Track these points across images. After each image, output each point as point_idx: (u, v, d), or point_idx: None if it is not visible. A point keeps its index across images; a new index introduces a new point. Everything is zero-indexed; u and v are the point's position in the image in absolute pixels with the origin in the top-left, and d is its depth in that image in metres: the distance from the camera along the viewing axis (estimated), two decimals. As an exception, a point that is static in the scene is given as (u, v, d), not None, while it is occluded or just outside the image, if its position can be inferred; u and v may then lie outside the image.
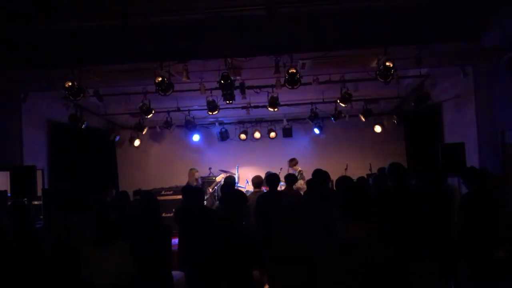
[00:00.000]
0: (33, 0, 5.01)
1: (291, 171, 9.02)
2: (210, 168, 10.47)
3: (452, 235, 4.84)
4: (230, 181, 6.49)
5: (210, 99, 7.79)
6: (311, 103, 9.48)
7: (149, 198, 4.83)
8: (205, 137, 11.61)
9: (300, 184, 8.50)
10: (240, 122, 11.42)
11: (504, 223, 5.80)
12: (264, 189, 6.71)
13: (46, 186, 8.05)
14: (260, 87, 8.05)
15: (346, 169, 9.50)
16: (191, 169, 8.75)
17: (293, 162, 9.36)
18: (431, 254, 4.55)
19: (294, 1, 5.18)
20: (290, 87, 6.15)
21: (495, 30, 5.75)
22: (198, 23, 5.57)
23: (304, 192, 7.18)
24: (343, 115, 9.76)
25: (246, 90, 7.68)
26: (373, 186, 5.69)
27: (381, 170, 6.05)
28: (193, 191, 5.33)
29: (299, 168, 9.17)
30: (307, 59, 6.28)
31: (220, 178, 9.77)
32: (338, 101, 8.22)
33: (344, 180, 5.42)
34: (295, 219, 3.34)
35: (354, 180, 6.06)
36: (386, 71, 5.80)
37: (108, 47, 6.00)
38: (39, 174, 7.24)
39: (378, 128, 10.58)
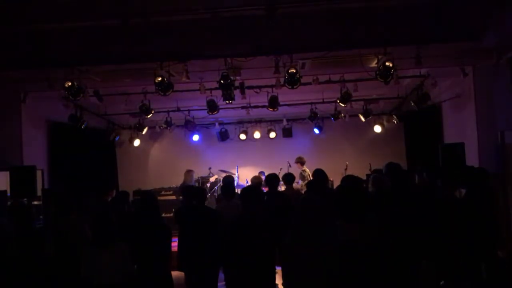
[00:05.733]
0: (33, 0, 5.01)
1: (297, 169, 9.05)
2: (210, 168, 10.46)
3: (452, 235, 4.84)
4: (230, 180, 6.49)
5: (210, 99, 7.78)
6: (311, 103, 9.47)
7: (149, 198, 4.82)
8: (205, 137, 11.60)
9: (300, 184, 8.50)
10: (240, 122, 11.41)
11: (504, 223, 5.81)
12: (264, 189, 6.71)
13: (46, 186, 8.05)
14: (260, 87, 8.04)
15: (346, 169, 9.49)
16: (188, 170, 8.74)
17: (298, 159, 9.39)
18: (431, 254, 4.56)
19: (294, 1, 5.18)
20: (290, 87, 6.14)
21: (495, 30, 5.75)
22: (198, 23, 5.57)
23: (304, 192, 7.18)
24: (343, 115, 9.76)
25: (246, 90, 7.67)
26: (372, 187, 5.68)
27: (377, 171, 6.05)
28: (194, 191, 5.33)
29: (304, 168, 9.19)
30: (307, 59, 6.27)
31: (214, 178, 9.77)
32: (338, 101, 8.22)
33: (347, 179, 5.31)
34: (312, 218, 3.34)
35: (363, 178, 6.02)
36: (386, 71, 5.79)
37: (108, 47, 6.00)
38: (39, 174, 7.24)
39: (378, 128, 10.58)
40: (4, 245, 4.28)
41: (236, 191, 6.48)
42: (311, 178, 8.77)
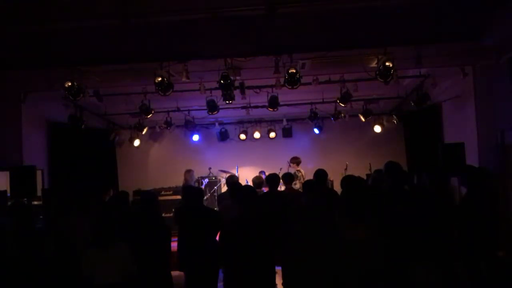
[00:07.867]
0: (34, 1, 5.01)
1: (291, 169, 9.02)
2: (210, 168, 10.46)
3: (452, 235, 4.84)
4: (234, 180, 6.48)
5: (210, 99, 7.79)
6: (311, 103, 9.48)
7: (149, 198, 4.82)
8: (205, 137, 11.60)
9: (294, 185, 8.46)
10: (240, 122, 11.41)
11: (504, 223, 5.81)
12: (264, 189, 6.71)
13: (46, 186, 8.05)
14: (260, 87, 8.05)
15: (346, 169, 9.49)
16: (188, 170, 8.74)
17: (293, 159, 9.37)
18: (431, 254, 4.56)
19: (294, 1, 5.18)
20: (290, 87, 6.14)
21: (495, 30, 5.75)
22: (198, 23, 5.57)
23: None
24: (343, 115, 9.76)
25: (246, 90, 7.67)
26: (372, 187, 5.69)
27: (378, 171, 6.05)
28: (193, 191, 5.33)
29: (298, 168, 9.16)
30: (307, 59, 6.27)
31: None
32: (338, 101, 8.22)
33: (348, 180, 5.30)
34: (313, 219, 3.34)
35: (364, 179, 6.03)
36: (386, 71, 5.80)
37: (108, 47, 6.00)
38: (39, 174, 7.25)
39: (378, 128, 10.58)
40: (4, 245, 4.27)
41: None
42: (304, 179, 8.75)
